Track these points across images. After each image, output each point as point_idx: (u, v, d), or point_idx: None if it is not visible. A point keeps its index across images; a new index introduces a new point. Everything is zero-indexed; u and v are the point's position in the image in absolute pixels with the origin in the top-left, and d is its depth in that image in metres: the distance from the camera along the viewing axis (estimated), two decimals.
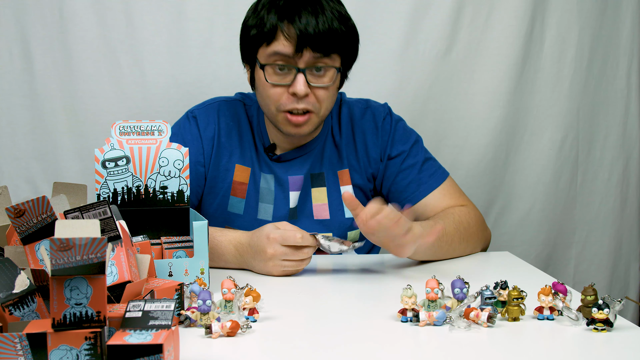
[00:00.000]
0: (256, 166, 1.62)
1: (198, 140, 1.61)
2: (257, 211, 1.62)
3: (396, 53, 2.13)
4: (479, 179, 2.20)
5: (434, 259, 1.52)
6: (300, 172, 1.62)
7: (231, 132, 1.62)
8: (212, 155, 1.61)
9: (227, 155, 1.62)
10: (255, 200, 1.62)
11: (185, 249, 1.30)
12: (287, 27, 1.44)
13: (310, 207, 1.63)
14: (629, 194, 2.32)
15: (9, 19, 2.01)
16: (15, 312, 0.94)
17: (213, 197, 1.63)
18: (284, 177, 1.62)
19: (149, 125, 1.34)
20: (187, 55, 2.06)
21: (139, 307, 0.93)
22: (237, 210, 1.63)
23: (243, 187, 1.62)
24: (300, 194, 1.63)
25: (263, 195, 1.62)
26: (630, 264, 2.36)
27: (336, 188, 1.64)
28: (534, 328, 1.11)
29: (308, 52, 1.44)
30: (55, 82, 2.03)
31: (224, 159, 1.62)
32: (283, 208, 1.62)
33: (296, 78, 1.46)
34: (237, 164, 1.62)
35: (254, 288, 1.15)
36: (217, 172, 1.62)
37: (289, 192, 1.62)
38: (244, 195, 1.62)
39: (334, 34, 1.46)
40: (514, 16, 2.15)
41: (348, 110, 1.67)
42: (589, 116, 2.26)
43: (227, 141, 1.62)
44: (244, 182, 1.61)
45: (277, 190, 1.62)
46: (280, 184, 1.62)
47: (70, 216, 1.09)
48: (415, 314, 1.11)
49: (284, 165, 1.62)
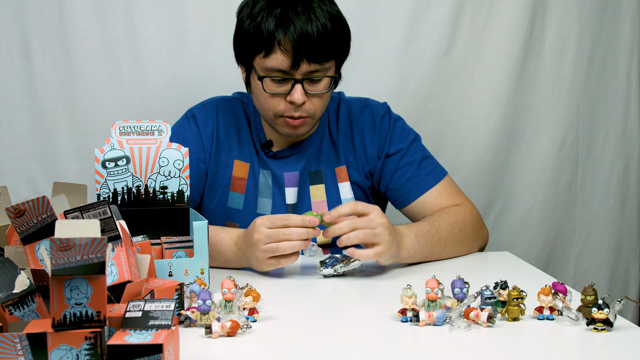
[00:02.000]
0: (255, 162, 1.64)
1: (198, 137, 1.63)
2: (256, 206, 1.64)
3: (396, 53, 2.13)
4: (479, 179, 2.20)
5: (427, 261, 1.52)
6: (295, 168, 1.63)
7: (229, 129, 1.64)
8: (212, 152, 1.63)
9: (226, 151, 1.63)
10: (254, 195, 1.63)
11: (185, 249, 1.30)
12: (284, 40, 1.44)
13: (309, 204, 1.64)
14: (629, 194, 2.32)
15: (9, 19, 2.01)
16: (15, 312, 0.94)
17: (213, 193, 1.64)
18: (279, 173, 1.63)
19: (149, 125, 1.34)
20: (187, 55, 2.06)
21: (139, 307, 0.93)
22: (237, 205, 1.64)
23: (242, 183, 1.63)
24: (299, 191, 1.64)
25: (262, 190, 1.63)
26: (630, 264, 2.36)
27: (334, 185, 1.65)
28: (534, 328, 1.11)
29: (305, 64, 1.46)
30: (55, 82, 2.03)
31: (223, 155, 1.63)
32: (281, 203, 1.63)
33: (294, 88, 1.48)
34: (235, 159, 1.63)
35: (254, 288, 1.15)
36: (217, 168, 1.63)
37: (285, 189, 1.63)
38: (243, 190, 1.63)
39: (329, 38, 1.47)
40: (514, 16, 2.15)
41: (346, 108, 1.68)
42: (589, 116, 2.26)
43: (226, 137, 1.64)
44: (243, 177, 1.63)
45: (274, 186, 1.63)
46: (276, 180, 1.63)
47: (70, 216, 1.09)
48: (415, 314, 1.11)
49: (279, 162, 1.64)
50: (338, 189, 1.66)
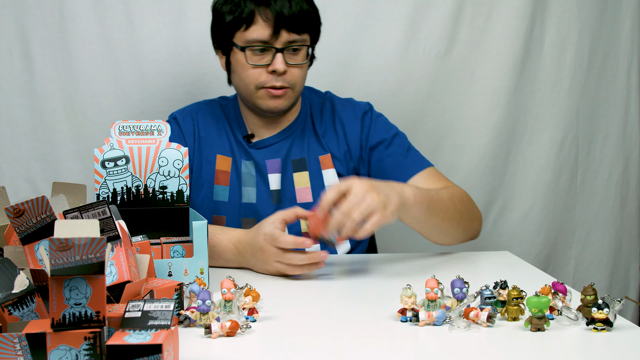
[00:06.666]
0: (237, 154, 1.69)
1: (180, 136, 1.69)
2: (240, 196, 1.67)
3: (396, 53, 2.13)
4: (479, 179, 2.20)
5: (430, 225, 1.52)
6: (277, 155, 1.67)
7: (209, 128, 1.70)
8: (195, 149, 1.69)
9: (207, 147, 1.69)
10: (238, 186, 1.67)
11: (182, 244, 1.30)
12: (265, 11, 1.54)
13: (293, 191, 1.67)
14: (629, 194, 2.32)
15: (9, 19, 2.00)
16: (14, 312, 0.94)
17: (199, 188, 1.68)
18: (262, 161, 1.67)
19: (149, 125, 1.34)
20: (187, 55, 2.06)
21: (139, 307, 0.93)
22: (222, 197, 1.67)
23: (226, 175, 1.68)
24: (282, 179, 1.67)
25: (245, 179, 1.68)
26: (630, 264, 2.36)
27: (318, 172, 1.68)
28: None
29: (284, 33, 1.55)
30: (55, 82, 2.03)
31: (204, 151, 1.69)
32: (265, 191, 1.66)
33: (275, 57, 1.56)
34: (218, 154, 1.69)
35: (253, 288, 1.15)
36: (201, 164, 1.68)
37: (268, 175, 1.66)
38: (227, 182, 1.68)
39: (305, 15, 1.58)
40: (514, 16, 2.15)
41: (330, 104, 1.74)
42: (589, 116, 2.26)
43: (207, 135, 1.70)
44: (227, 170, 1.68)
45: (257, 175, 1.67)
46: (259, 169, 1.67)
47: (69, 216, 1.09)
48: (415, 314, 1.11)
49: (260, 151, 1.68)
50: (322, 175, 1.68)
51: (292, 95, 1.62)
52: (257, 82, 1.59)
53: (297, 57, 1.59)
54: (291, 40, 1.57)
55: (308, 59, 1.63)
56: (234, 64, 1.62)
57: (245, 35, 1.56)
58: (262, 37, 1.55)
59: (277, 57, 1.56)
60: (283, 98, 1.61)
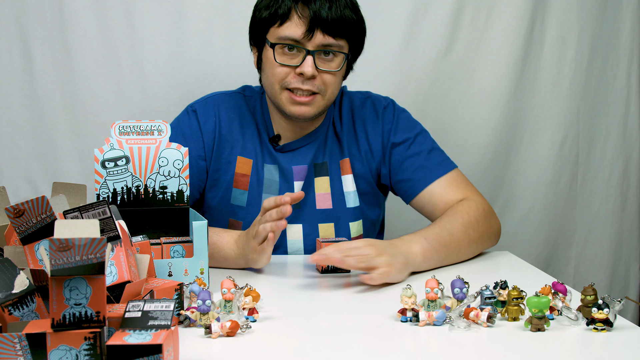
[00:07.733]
0: (259, 157, 1.62)
1: (198, 133, 1.61)
2: (260, 202, 1.61)
3: (396, 53, 2.13)
4: (479, 179, 2.20)
5: (443, 265, 1.48)
6: (304, 161, 1.62)
7: (232, 124, 1.63)
8: (214, 149, 1.62)
9: (229, 147, 1.62)
10: (258, 192, 1.62)
11: (182, 244, 1.30)
12: (302, 8, 1.47)
13: (313, 197, 1.63)
14: (629, 194, 2.32)
15: (9, 19, 2.01)
16: (14, 312, 0.94)
17: (216, 190, 1.63)
18: (288, 167, 1.62)
19: (149, 125, 1.34)
20: (187, 55, 2.06)
21: (139, 307, 0.93)
22: (240, 202, 1.63)
23: (245, 179, 1.62)
24: (304, 184, 1.63)
25: (267, 186, 1.62)
26: (630, 264, 2.36)
27: (338, 178, 1.65)
28: None
29: (319, 34, 1.47)
30: (55, 82, 2.03)
31: (225, 152, 1.62)
32: None
33: (305, 59, 1.48)
34: (238, 155, 1.62)
35: (253, 288, 1.15)
36: (219, 165, 1.62)
37: (293, 182, 1.62)
38: (247, 187, 1.62)
39: (345, 20, 1.49)
40: (514, 16, 2.15)
41: (349, 100, 1.68)
42: (589, 116, 2.26)
43: (228, 133, 1.62)
44: (246, 174, 1.62)
45: (281, 181, 1.62)
46: (284, 174, 1.62)
47: (69, 216, 1.09)
48: (415, 314, 1.11)
49: (287, 155, 1.62)
50: (341, 181, 1.65)
51: (321, 103, 1.54)
52: (282, 81, 1.51)
53: (330, 64, 1.51)
54: (325, 44, 1.48)
55: (342, 67, 1.54)
56: (264, 61, 1.55)
57: (278, 32, 1.49)
58: (294, 35, 1.47)
59: (307, 60, 1.48)
60: (310, 105, 1.53)
